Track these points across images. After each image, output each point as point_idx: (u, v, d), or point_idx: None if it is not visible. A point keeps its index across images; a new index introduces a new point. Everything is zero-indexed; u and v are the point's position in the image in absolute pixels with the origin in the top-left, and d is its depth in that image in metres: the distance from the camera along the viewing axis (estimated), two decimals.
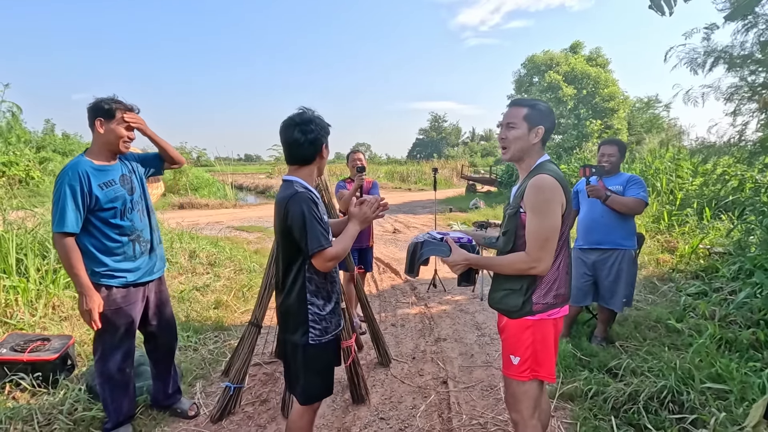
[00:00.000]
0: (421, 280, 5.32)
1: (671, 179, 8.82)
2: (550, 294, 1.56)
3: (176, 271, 4.94)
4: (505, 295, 1.63)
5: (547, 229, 1.48)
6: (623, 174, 3.16)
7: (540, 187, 1.49)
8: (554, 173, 1.52)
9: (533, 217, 1.50)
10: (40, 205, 5.87)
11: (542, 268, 1.50)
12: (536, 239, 1.49)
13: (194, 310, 3.99)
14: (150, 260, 2.23)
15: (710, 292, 4.18)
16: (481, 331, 3.75)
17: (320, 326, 1.67)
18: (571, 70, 15.90)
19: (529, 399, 1.62)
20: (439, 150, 53.24)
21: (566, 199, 1.52)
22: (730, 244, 5.28)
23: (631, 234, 3.12)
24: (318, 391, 1.76)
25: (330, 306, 1.71)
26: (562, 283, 1.58)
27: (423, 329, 3.83)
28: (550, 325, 1.58)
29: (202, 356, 3.21)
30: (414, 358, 3.27)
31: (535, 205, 1.49)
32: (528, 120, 1.60)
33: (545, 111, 1.62)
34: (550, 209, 1.48)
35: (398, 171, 30.08)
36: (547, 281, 1.56)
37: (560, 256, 1.56)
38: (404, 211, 13.00)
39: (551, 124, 1.63)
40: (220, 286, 4.72)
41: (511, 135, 1.62)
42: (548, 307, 1.56)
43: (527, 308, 1.57)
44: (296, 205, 1.55)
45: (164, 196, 14.48)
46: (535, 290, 1.56)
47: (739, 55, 4.79)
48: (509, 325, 1.65)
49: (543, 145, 1.64)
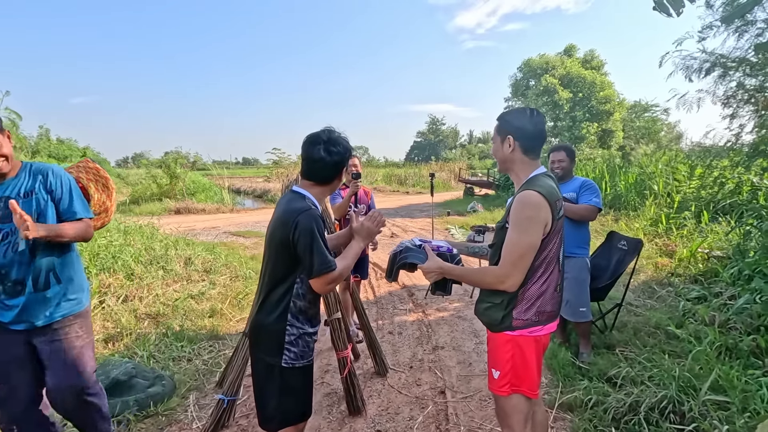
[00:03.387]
0: (419, 286, 5.28)
1: (668, 182, 8.83)
2: (532, 311, 1.52)
3: (171, 278, 4.88)
4: (488, 307, 1.60)
5: (523, 246, 1.45)
6: (577, 178, 3.14)
7: (524, 203, 1.46)
8: (544, 189, 1.47)
9: (512, 232, 1.48)
10: None
11: (509, 284, 1.47)
12: (510, 254, 1.47)
13: (189, 319, 3.93)
14: (27, 304, 1.79)
15: (710, 297, 4.15)
16: (479, 338, 3.71)
17: (296, 349, 1.59)
18: (567, 74, 15.95)
19: (518, 413, 1.58)
20: (437, 153, 53.30)
21: (552, 216, 1.48)
22: (729, 247, 5.26)
23: (585, 242, 3.09)
24: (293, 415, 1.66)
25: (310, 330, 1.64)
26: (547, 300, 1.54)
27: (421, 337, 3.79)
28: (530, 341, 1.55)
29: (196, 367, 3.16)
30: (411, 367, 3.23)
31: (516, 220, 1.47)
32: (499, 132, 1.61)
33: (516, 120, 1.57)
34: (530, 227, 1.44)
35: (396, 174, 30.05)
36: (530, 297, 1.52)
37: (546, 273, 1.52)
38: (402, 215, 12.97)
39: (526, 132, 1.55)
40: (216, 294, 4.67)
41: (492, 150, 1.68)
42: (529, 323, 1.53)
43: (507, 323, 1.54)
44: (307, 221, 1.49)
45: (160, 201, 14.42)
46: (516, 306, 1.53)
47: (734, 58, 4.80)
48: (491, 337, 1.64)
49: (529, 154, 1.57)
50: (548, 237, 1.48)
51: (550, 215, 1.46)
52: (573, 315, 3.06)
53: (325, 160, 1.58)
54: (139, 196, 15.36)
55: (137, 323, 3.70)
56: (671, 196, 8.20)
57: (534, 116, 1.58)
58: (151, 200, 14.84)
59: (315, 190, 1.64)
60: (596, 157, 15.15)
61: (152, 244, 5.51)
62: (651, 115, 18.92)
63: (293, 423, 1.67)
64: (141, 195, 15.40)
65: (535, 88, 16.23)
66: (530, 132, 1.57)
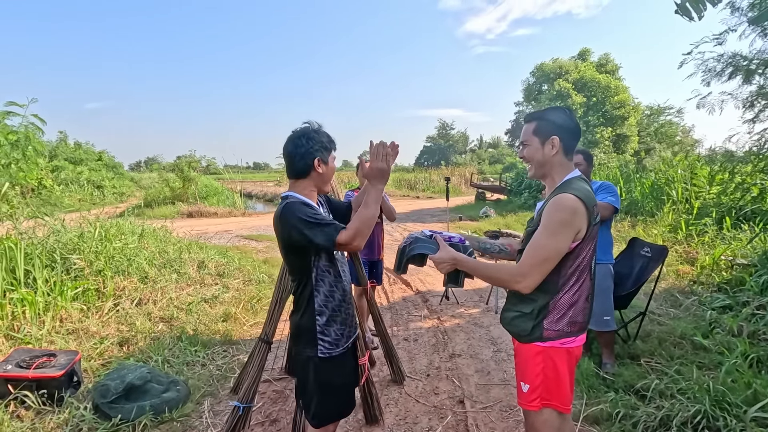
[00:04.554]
0: (434, 292, 5.20)
1: (687, 188, 8.62)
2: (563, 321, 1.44)
3: (185, 282, 4.87)
4: (516, 316, 1.53)
5: (549, 249, 1.37)
6: (595, 182, 3.05)
7: (560, 206, 1.38)
8: (581, 193, 1.39)
9: (541, 233, 1.40)
10: (51, 213, 5.86)
11: (525, 285, 1.40)
12: (533, 254, 1.39)
13: (202, 323, 3.91)
14: None
15: (736, 307, 4.01)
16: (497, 346, 3.62)
17: (329, 338, 1.61)
18: (581, 78, 15.78)
19: (550, 428, 1.50)
20: (447, 157, 53.12)
21: (588, 222, 1.40)
22: (753, 255, 5.09)
23: (608, 246, 3.01)
24: (330, 412, 1.68)
25: (339, 317, 1.65)
26: (579, 310, 1.46)
27: (437, 344, 3.71)
28: (563, 353, 1.46)
29: (210, 372, 3.12)
30: (428, 375, 3.15)
31: (548, 222, 1.39)
32: (538, 133, 1.51)
33: (558, 118, 1.50)
34: (561, 231, 1.36)
35: (406, 178, 29.95)
36: (561, 307, 1.44)
37: (579, 281, 1.45)
38: (413, 220, 12.89)
39: (569, 130, 1.49)
40: (229, 298, 4.65)
41: (527, 153, 1.55)
42: (561, 334, 1.45)
43: (537, 333, 1.46)
44: (289, 212, 1.50)
45: (173, 204, 14.56)
46: (547, 315, 1.45)
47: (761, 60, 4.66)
48: (520, 349, 1.56)
49: (568, 155, 1.51)
50: (582, 243, 1.41)
51: (585, 221, 1.39)
52: (596, 324, 2.96)
53: (292, 155, 1.59)
54: (152, 200, 15.52)
55: (151, 327, 3.68)
56: (690, 202, 8.00)
57: (571, 114, 1.52)
58: (164, 203, 14.99)
59: (297, 187, 1.65)
60: (611, 161, 14.93)
61: (166, 248, 5.51)
62: (666, 118, 18.63)
63: (332, 420, 1.71)
64: (154, 198, 15.56)
65: (548, 92, 16.06)
66: (573, 130, 1.50)
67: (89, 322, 3.53)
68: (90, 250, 4.29)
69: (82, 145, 23.93)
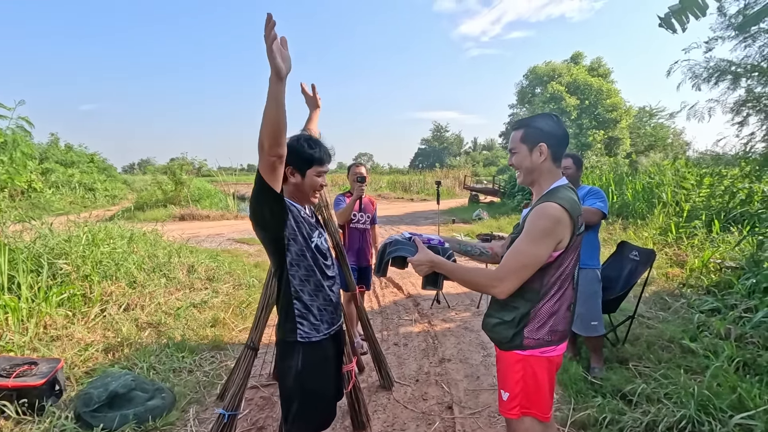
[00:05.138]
0: (425, 296, 5.19)
1: (676, 191, 8.70)
2: (544, 330, 1.44)
3: (174, 286, 4.82)
4: (497, 323, 1.52)
5: (529, 255, 1.36)
6: (584, 186, 3.06)
7: (542, 215, 1.38)
8: (566, 202, 1.39)
9: (522, 239, 1.40)
10: (38, 217, 5.79)
11: (501, 290, 1.39)
12: (512, 260, 1.39)
13: (190, 328, 3.87)
14: None
15: (724, 309, 4.04)
16: (487, 350, 3.62)
17: (308, 321, 1.60)
18: (574, 81, 15.90)
19: None
20: (442, 159, 53.25)
21: (572, 232, 1.40)
22: (742, 258, 5.14)
23: (595, 252, 3.01)
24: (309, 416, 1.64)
25: (318, 300, 1.63)
26: (560, 319, 1.46)
27: (427, 348, 3.69)
28: (543, 362, 1.46)
29: (197, 379, 3.09)
30: (418, 381, 3.14)
31: (531, 229, 1.39)
32: (526, 140, 1.50)
33: (546, 125, 1.49)
34: (542, 239, 1.36)
35: (400, 181, 30.00)
36: (542, 316, 1.44)
37: (560, 291, 1.44)
38: (407, 222, 12.89)
39: (557, 137, 1.49)
40: (219, 303, 4.61)
41: (516, 160, 1.54)
42: (541, 343, 1.44)
43: (517, 341, 1.46)
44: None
45: (165, 207, 14.44)
46: (527, 324, 1.44)
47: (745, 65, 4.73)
48: (501, 356, 1.55)
49: (556, 162, 1.51)
50: (565, 253, 1.41)
51: (568, 231, 1.38)
52: (584, 329, 2.96)
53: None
54: (144, 203, 15.39)
55: (138, 332, 3.64)
56: (680, 204, 8.07)
57: (559, 120, 1.52)
58: (155, 206, 14.87)
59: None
60: (603, 165, 15.03)
61: (155, 252, 5.46)
62: (657, 121, 18.80)
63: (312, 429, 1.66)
64: (146, 201, 15.44)
65: (542, 95, 16.16)
66: (561, 137, 1.50)
67: (74, 328, 3.48)
68: (77, 255, 4.24)
69: (74, 148, 23.70)
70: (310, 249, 1.60)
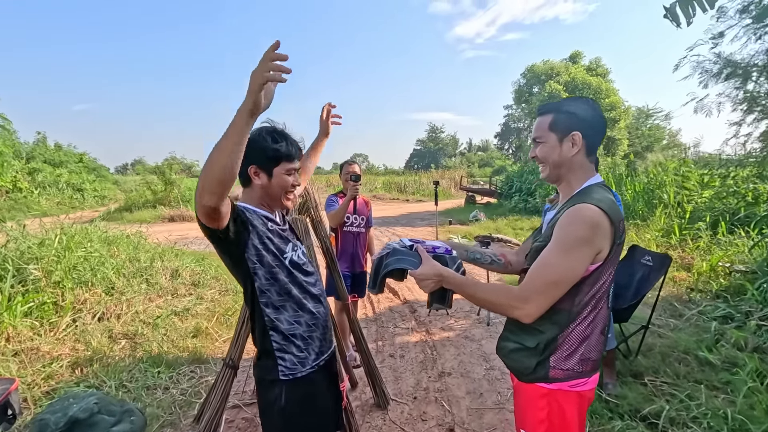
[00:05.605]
0: (422, 302, 4.93)
1: (678, 191, 8.52)
2: (574, 358, 1.18)
3: (155, 292, 4.53)
4: (517, 349, 1.26)
5: (561, 271, 1.11)
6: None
7: (578, 219, 1.11)
8: (605, 204, 1.12)
9: (552, 250, 1.13)
10: (13, 218, 5.47)
11: (526, 313, 1.14)
12: (540, 276, 1.13)
13: (170, 339, 3.58)
14: None
15: (738, 316, 3.83)
16: (490, 363, 3.36)
17: (291, 354, 1.33)
18: (572, 80, 15.73)
19: None
20: (437, 160, 53.13)
21: (612, 241, 1.13)
22: (752, 261, 4.93)
23: None
24: None
25: (301, 326, 1.36)
26: (592, 346, 1.20)
27: (425, 361, 3.43)
28: (572, 397, 1.20)
29: (173, 397, 2.80)
30: (415, 398, 2.87)
31: (562, 237, 1.12)
32: (555, 128, 1.23)
33: (580, 110, 1.23)
34: (578, 250, 1.10)
35: (396, 181, 29.71)
36: (572, 341, 1.18)
37: (594, 311, 1.18)
38: (402, 224, 12.63)
39: (594, 125, 1.23)
40: (203, 310, 4.32)
41: (541, 152, 1.27)
42: (571, 375, 1.18)
43: (542, 373, 1.19)
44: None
45: (154, 208, 14.07)
46: (554, 351, 1.18)
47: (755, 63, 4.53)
48: (520, 389, 1.29)
49: (590, 155, 1.25)
50: (603, 266, 1.15)
51: (608, 239, 1.12)
52: None
53: None
54: (133, 203, 15.01)
55: (111, 345, 3.35)
56: (682, 206, 7.88)
57: (595, 105, 1.25)
58: (144, 207, 14.49)
59: (245, 196, 1.41)
60: (601, 165, 14.89)
61: (137, 255, 5.16)
62: (654, 122, 18.69)
63: None
64: (135, 202, 15.05)
65: (539, 94, 15.97)
66: (598, 125, 1.23)
67: (41, 340, 3.18)
68: (48, 259, 3.93)
69: (63, 147, 23.23)
70: (284, 267, 1.34)
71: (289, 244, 1.39)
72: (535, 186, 14.21)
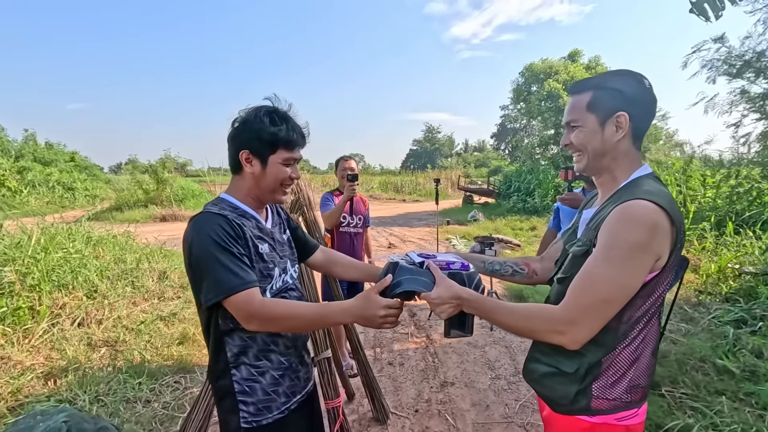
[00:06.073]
0: (422, 305, 4.73)
1: (681, 191, 8.38)
2: (621, 385, 0.98)
3: (141, 296, 4.29)
4: (551, 374, 1.05)
5: (614, 285, 0.90)
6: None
7: (631, 219, 0.89)
8: (662, 199, 0.92)
9: (600, 258, 0.92)
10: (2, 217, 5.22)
11: (573, 339, 0.93)
12: (586, 293, 0.92)
13: (153, 346, 3.35)
14: None
15: (751, 321, 3.66)
16: (495, 371, 3.17)
17: (256, 398, 1.13)
18: (571, 79, 15.58)
19: None
20: (433, 161, 52.98)
21: (673, 244, 0.92)
22: (762, 263, 4.77)
23: None
24: None
25: (272, 363, 1.16)
26: (643, 370, 1.00)
27: (426, 369, 3.23)
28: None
29: (154, 412, 2.58)
30: (417, 411, 2.67)
31: (612, 243, 0.91)
32: (595, 108, 1.01)
33: (626, 86, 1.00)
34: (634, 258, 0.89)
35: (392, 181, 29.52)
36: (620, 365, 0.97)
37: (646, 329, 0.98)
38: (399, 224, 12.43)
39: (642, 105, 1.01)
40: (191, 314, 4.09)
41: (577, 138, 1.05)
42: (618, 405, 0.98)
43: (583, 403, 0.99)
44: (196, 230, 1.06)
45: (146, 208, 13.77)
46: (598, 377, 0.98)
47: None
48: (554, 421, 1.08)
49: (637, 141, 1.04)
50: (661, 276, 0.94)
51: (668, 242, 0.91)
52: None
53: (228, 142, 1.18)
54: (124, 203, 14.70)
55: (89, 353, 3.11)
56: (685, 205, 7.74)
57: (643, 80, 1.02)
58: (136, 206, 14.19)
59: (233, 186, 1.21)
60: None
61: (124, 256, 4.92)
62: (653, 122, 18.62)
63: None
64: (126, 201, 14.74)
65: (538, 92, 15.81)
66: (647, 105, 1.02)
67: (11, 350, 2.95)
68: (25, 261, 3.69)
69: (54, 146, 22.83)
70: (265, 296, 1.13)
71: (285, 262, 1.21)
72: (533, 186, 14.05)
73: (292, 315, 1.06)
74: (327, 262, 1.46)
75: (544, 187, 13.53)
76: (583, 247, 1.02)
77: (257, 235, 1.15)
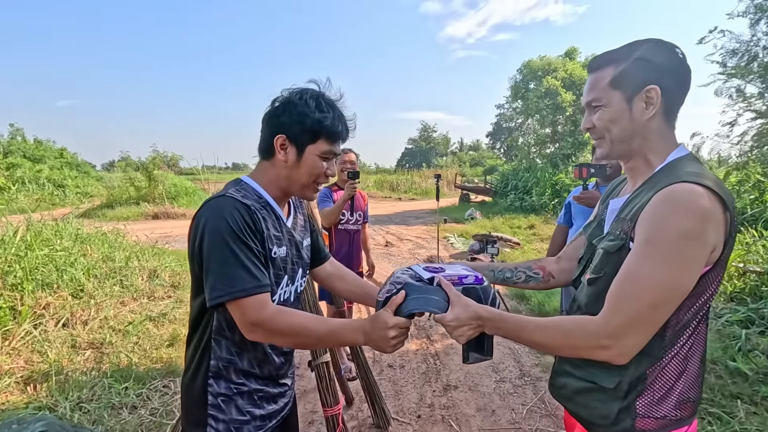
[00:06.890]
0: None
1: None
2: (670, 400, 0.85)
3: (130, 295, 4.12)
4: (586, 389, 0.92)
5: (664, 286, 0.76)
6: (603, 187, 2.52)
7: (676, 207, 0.76)
8: (711, 181, 0.78)
9: (643, 256, 0.79)
10: None
11: (619, 353, 0.80)
12: (631, 297, 0.78)
13: (141, 348, 3.20)
14: None
15: (759, 321, 3.59)
16: (500, 374, 3.05)
17: (226, 417, 1.01)
18: (569, 76, 15.50)
19: None
20: (428, 159, 52.91)
21: (727, 233, 0.79)
22: (767, 262, 4.70)
23: None
24: None
25: (251, 392, 1.04)
26: (692, 381, 0.86)
27: (427, 372, 3.10)
28: None
29: (141, 419, 2.43)
30: (419, 417, 2.54)
31: (657, 238, 0.77)
32: (621, 84, 0.87)
33: (654, 56, 0.86)
34: (684, 252, 0.75)
35: (388, 180, 29.38)
36: (667, 377, 0.84)
37: (695, 335, 0.85)
38: (396, 222, 12.30)
39: (676, 76, 0.87)
40: (182, 314, 3.93)
41: (600, 120, 0.91)
42: (666, 424, 0.85)
43: (627, 423, 0.86)
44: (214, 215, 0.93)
45: (138, 205, 13.53)
46: (643, 392, 0.85)
47: None
48: None
49: (671, 119, 0.90)
50: (712, 271, 0.80)
51: (722, 232, 0.78)
52: None
53: (262, 119, 1.05)
54: (116, 200, 14.44)
55: (72, 356, 2.95)
56: None
57: (674, 48, 0.87)
58: (127, 204, 13.94)
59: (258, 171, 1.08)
60: None
61: (113, 254, 4.75)
62: None
63: None
64: (117, 199, 14.48)
65: (536, 90, 15.72)
66: (682, 75, 0.87)
67: None
68: (6, 259, 3.52)
69: (43, 142, 22.43)
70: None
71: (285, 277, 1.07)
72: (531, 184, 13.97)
73: (303, 332, 0.95)
74: (331, 276, 1.32)
75: (541, 185, 13.45)
76: (617, 242, 0.88)
77: (275, 236, 1.02)
